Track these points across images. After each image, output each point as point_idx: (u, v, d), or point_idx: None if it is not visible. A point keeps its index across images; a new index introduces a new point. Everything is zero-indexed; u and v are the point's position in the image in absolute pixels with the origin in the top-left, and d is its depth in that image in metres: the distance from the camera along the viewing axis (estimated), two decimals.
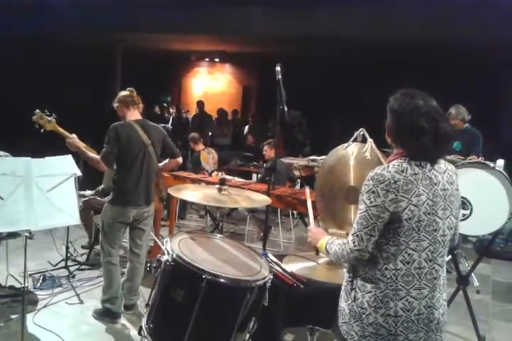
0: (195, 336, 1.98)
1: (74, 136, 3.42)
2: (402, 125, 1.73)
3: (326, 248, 1.85)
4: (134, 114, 3.35)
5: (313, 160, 6.52)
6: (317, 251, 2.02)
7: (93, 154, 3.40)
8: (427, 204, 1.67)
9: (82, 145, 3.42)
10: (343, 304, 1.80)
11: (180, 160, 3.58)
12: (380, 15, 6.82)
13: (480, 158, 4.07)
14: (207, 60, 13.07)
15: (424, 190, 1.67)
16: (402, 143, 1.74)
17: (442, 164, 1.77)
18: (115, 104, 3.37)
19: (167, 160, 3.55)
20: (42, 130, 3.45)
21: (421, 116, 1.69)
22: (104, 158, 3.21)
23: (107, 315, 3.36)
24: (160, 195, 3.74)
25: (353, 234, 1.70)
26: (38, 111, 3.44)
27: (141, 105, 3.41)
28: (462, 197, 1.86)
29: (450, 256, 3.59)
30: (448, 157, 4.55)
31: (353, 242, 1.69)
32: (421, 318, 1.69)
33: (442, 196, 1.71)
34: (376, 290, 1.69)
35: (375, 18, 6.90)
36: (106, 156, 3.20)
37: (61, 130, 3.47)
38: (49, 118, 3.45)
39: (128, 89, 3.40)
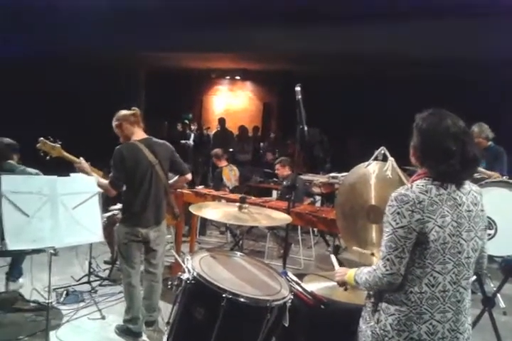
0: None
1: (81, 160, 3.38)
2: (429, 146, 1.71)
3: (354, 279, 1.83)
4: (138, 133, 3.29)
5: (333, 177, 6.52)
6: (345, 287, 2.00)
7: (102, 179, 3.30)
8: (452, 225, 1.65)
9: (89, 169, 3.37)
10: (365, 326, 1.78)
11: (189, 176, 3.50)
12: (403, 32, 6.84)
13: (504, 177, 4.01)
14: (228, 77, 13.24)
15: (448, 211, 1.66)
16: (428, 164, 1.71)
17: (466, 185, 1.75)
18: (116, 123, 3.30)
19: (176, 177, 3.50)
20: (47, 157, 3.42)
21: (449, 137, 1.66)
22: (111, 184, 3.17)
23: (128, 333, 3.38)
24: (173, 212, 3.71)
25: (383, 259, 1.67)
26: (41, 138, 3.40)
27: (141, 124, 3.35)
28: (487, 217, 1.82)
29: (475, 277, 3.52)
30: (474, 175, 4.50)
31: (385, 267, 1.66)
32: None
33: (467, 217, 1.69)
34: (400, 313, 1.67)
35: (398, 36, 6.92)
36: (113, 181, 3.17)
37: (67, 155, 3.42)
38: (53, 145, 3.41)
39: (132, 108, 3.35)
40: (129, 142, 3.26)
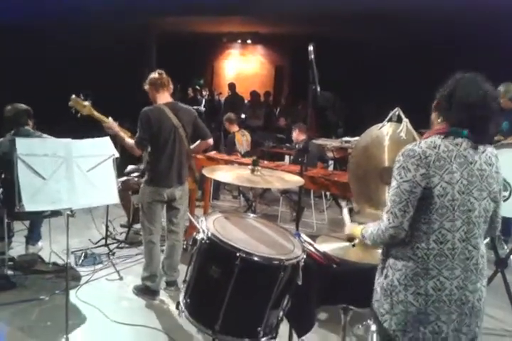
0: (230, 311, 2.03)
1: (110, 119, 3.48)
2: (459, 98, 1.67)
3: (361, 233, 1.85)
4: (163, 97, 3.38)
5: (346, 142, 6.48)
6: (353, 243, 2.03)
7: (128, 138, 3.45)
8: (461, 182, 1.64)
9: (117, 128, 3.48)
10: (376, 282, 1.81)
11: (210, 141, 3.62)
12: None
13: None
14: (239, 41, 12.99)
15: (457, 168, 1.64)
16: (452, 114, 1.68)
17: (481, 145, 1.71)
18: (145, 86, 3.42)
19: (198, 142, 3.59)
20: (78, 114, 3.52)
21: (482, 98, 1.65)
22: (137, 144, 3.31)
23: (146, 292, 3.49)
24: (193, 176, 3.80)
25: (387, 212, 1.69)
26: (73, 96, 3.50)
27: (171, 86, 3.43)
28: (503, 180, 1.80)
29: (488, 239, 3.52)
30: None
31: (388, 219, 1.68)
32: (453, 299, 1.66)
33: (479, 176, 1.67)
34: (406, 268, 1.69)
35: None
36: (139, 142, 3.30)
37: (97, 114, 3.53)
38: (84, 103, 3.51)
39: (157, 71, 3.42)
40: (155, 105, 3.36)
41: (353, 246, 2.09)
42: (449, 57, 7.77)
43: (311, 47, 2.74)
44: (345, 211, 2.39)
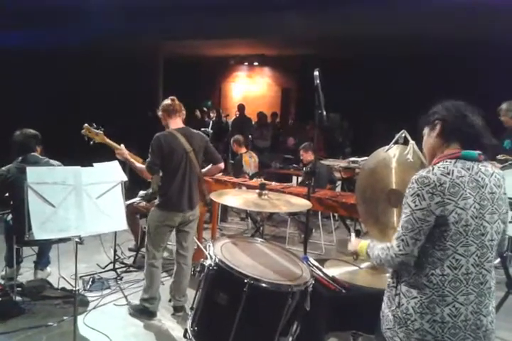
0: (238, 339, 2.01)
1: (122, 146, 3.56)
2: (455, 121, 1.73)
3: (366, 252, 1.85)
4: (175, 122, 3.45)
5: (353, 162, 6.48)
6: (356, 256, 2.02)
7: (139, 164, 3.52)
8: (474, 207, 1.64)
9: (129, 155, 3.55)
10: (387, 310, 1.78)
11: (222, 165, 3.66)
12: (417, 11, 6.65)
13: None
14: (246, 63, 13.16)
15: (471, 193, 1.64)
16: (459, 136, 1.73)
17: (489, 167, 1.73)
18: (159, 113, 3.50)
19: (209, 166, 3.65)
20: (91, 142, 3.63)
21: (472, 117, 1.72)
22: (148, 168, 3.35)
23: (143, 313, 3.51)
24: (204, 200, 3.82)
25: (397, 238, 1.68)
26: (86, 125, 3.61)
27: (183, 112, 3.51)
28: (509, 198, 1.80)
29: (499, 259, 3.47)
30: (497, 156, 4.41)
31: (398, 246, 1.66)
32: (468, 324, 1.65)
33: (490, 199, 1.68)
34: (422, 296, 1.67)
35: (418, 17, 6.73)
36: (150, 167, 3.34)
37: (109, 141, 3.63)
38: (97, 131, 3.62)
39: (170, 97, 3.50)
40: (167, 130, 3.42)
41: (355, 259, 2.08)
42: (454, 77, 7.83)
43: (316, 72, 2.79)
44: (353, 236, 2.37)
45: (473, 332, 1.66)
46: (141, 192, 4.82)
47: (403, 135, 2.75)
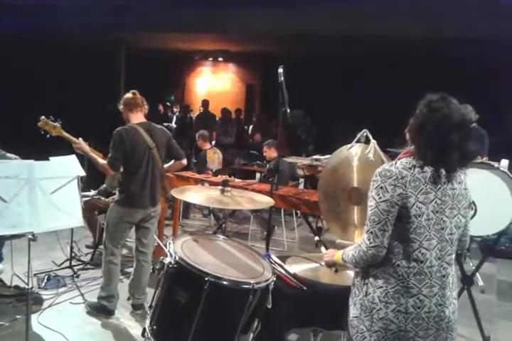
0: (198, 338, 1.98)
1: (80, 140, 3.44)
2: (430, 137, 1.67)
3: (342, 258, 1.85)
4: (137, 117, 3.36)
5: (316, 160, 6.53)
6: (336, 269, 2.03)
7: (100, 159, 3.40)
8: (435, 202, 1.69)
9: (88, 149, 3.44)
10: (355, 299, 1.80)
11: (184, 162, 3.61)
12: (382, 12, 6.76)
13: (484, 159, 4.05)
14: (210, 59, 13.06)
15: (431, 189, 1.69)
16: (421, 150, 1.69)
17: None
18: (120, 107, 3.40)
19: (172, 162, 3.58)
20: (48, 135, 3.49)
21: (452, 129, 1.64)
22: (110, 164, 3.25)
23: (101, 310, 3.43)
24: (166, 196, 3.77)
25: (367, 232, 1.70)
26: (43, 117, 3.47)
27: (146, 107, 3.42)
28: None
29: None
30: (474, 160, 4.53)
31: (368, 239, 1.69)
32: (431, 316, 1.70)
33: (451, 195, 1.73)
34: (387, 285, 1.71)
35: (377, 16, 6.84)
36: (112, 162, 3.25)
37: (67, 135, 3.49)
38: (54, 124, 3.48)
39: (131, 91, 3.41)
40: (129, 124, 3.33)
41: (336, 271, 2.06)
42: (421, 74, 8.01)
43: (280, 70, 2.78)
44: (323, 249, 2.38)
45: (437, 323, 1.71)
46: (92, 192, 4.67)
47: (365, 134, 2.78)
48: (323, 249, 2.36)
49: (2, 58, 8.43)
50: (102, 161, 3.35)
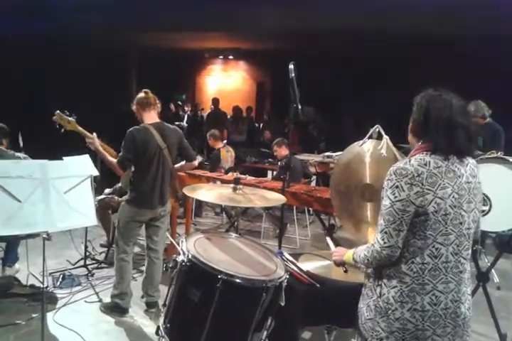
0: (212, 336, 1.98)
1: (94, 135, 3.47)
2: (435, 119, 1.70)
3: (353, 257, 1.83)
4: (150, 116, 3.37)
5: (328, 157, 6.50)
6: (345, 269, 2.01)
7: (110, 157, 3.42)
8: (453, 197, 1.67)
9: (100, 147, 3.46)
10: (367, 301, 1.78)
11: (195, 163, 3.62)
12: (393, 8, 6.69)
13: (499, 153, 3.99)
14: (221, 57, 13.05)
15: (449, 183, 1.67)
16: (432, 137, 1.70)
17: (464, 158, 1.76)
18: (133, 107, 3.41)
19: (183, 163, 3.60)
20: (62, 130, 3.53)
21: (453, 111, 1.69)
22: (120, 163, 3.27)
23: (115, 309, 3.45)
24: (176, 195, 3.78)
25: (380, 232, 1.68)
26: (58, 111, 3.52)
27: (158, 105, 3.43)
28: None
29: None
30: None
31: (382, 239, 1.67)
32: (448, 313, 1.68)
33: (467, 189, 1.71)
34: (402, 284, 1.68)
35: (387, 12, 6.76)
36: (122, 161, 3.27)
37: (81, 129, 3.53)
38: (69, 119, 3.53)
39: (143, 90, 3.42)
40: (141, 125, 3.34)
41: (345, 271, 2.03)
42: (428, 71, 7.91)
43: (291, 66, 2.76)
44: (329, 239, 2.37)
45: (453, 320, 1.69)
46: (107, 190, 4.71)
47: (377, 130, 2.76)
48: (331, 245, 2.33)
49: (14, 57, 8.53)
50: (112, 160, 3.37)
